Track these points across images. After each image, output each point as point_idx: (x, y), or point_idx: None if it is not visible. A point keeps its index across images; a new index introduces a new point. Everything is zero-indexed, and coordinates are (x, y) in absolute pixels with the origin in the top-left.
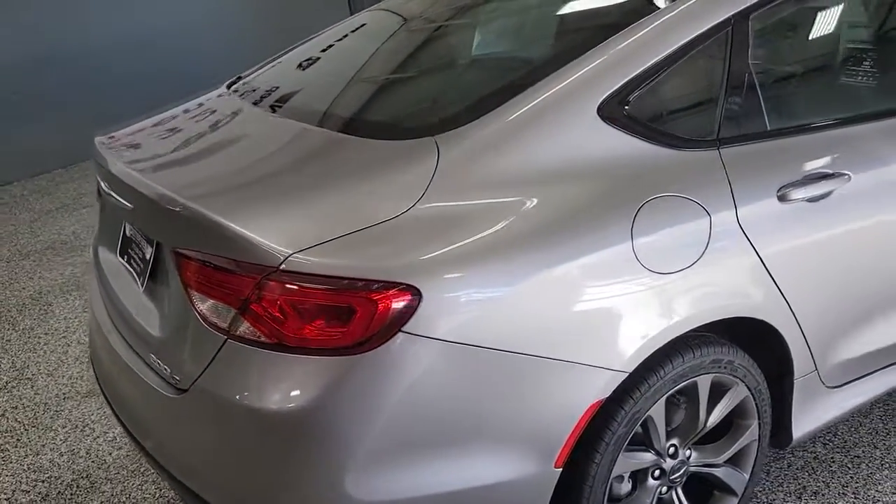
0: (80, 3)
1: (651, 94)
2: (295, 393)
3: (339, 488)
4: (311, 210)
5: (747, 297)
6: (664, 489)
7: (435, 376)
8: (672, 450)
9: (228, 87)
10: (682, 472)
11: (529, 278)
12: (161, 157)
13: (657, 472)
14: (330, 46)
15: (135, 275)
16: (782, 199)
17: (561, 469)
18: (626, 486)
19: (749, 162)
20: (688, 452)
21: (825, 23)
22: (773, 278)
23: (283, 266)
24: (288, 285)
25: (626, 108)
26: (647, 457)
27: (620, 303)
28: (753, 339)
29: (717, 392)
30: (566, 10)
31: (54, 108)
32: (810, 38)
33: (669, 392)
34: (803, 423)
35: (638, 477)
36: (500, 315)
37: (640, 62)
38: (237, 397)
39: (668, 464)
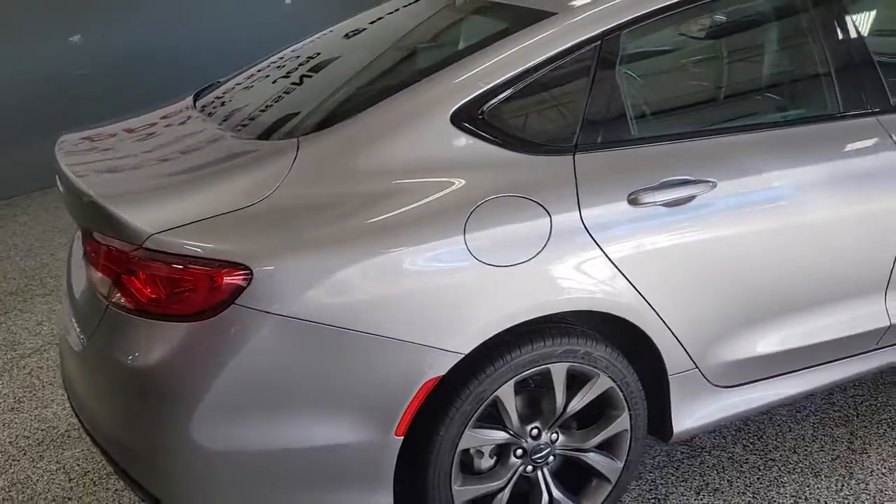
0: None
1: (508, 104)
2: (150, 353)
3: (187, 437)
4: (182, 199)
5: (593, 294)
6: (528, 468)
7: (271, 345)
8: (535, 432)
9: (196, 95)
10: (545, 453)
11: (365, 263)
12: (96, 157)
13: (519, 452)
14: (280, 59)
15: (79, 255)
16: (633, 202)
17: (402, 437)
18: (487, 462)
19: (602, 167)
20: (553, 436)
21: (695, 40)
22: (626, 277)
23: (145, 244)
24: (146, 260)
25: (482, 115)
26: (499, 435)
27: (452, 290)
28: (626, 334)
29: (579, 381)
30: (444, 28)
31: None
32: (680, 54)
33: (518, 376)
34: (687, 419)
35: (501, 454)
36: (337, 295)
37: (497, 75)
38: (110, 355)
39: (530, 444)
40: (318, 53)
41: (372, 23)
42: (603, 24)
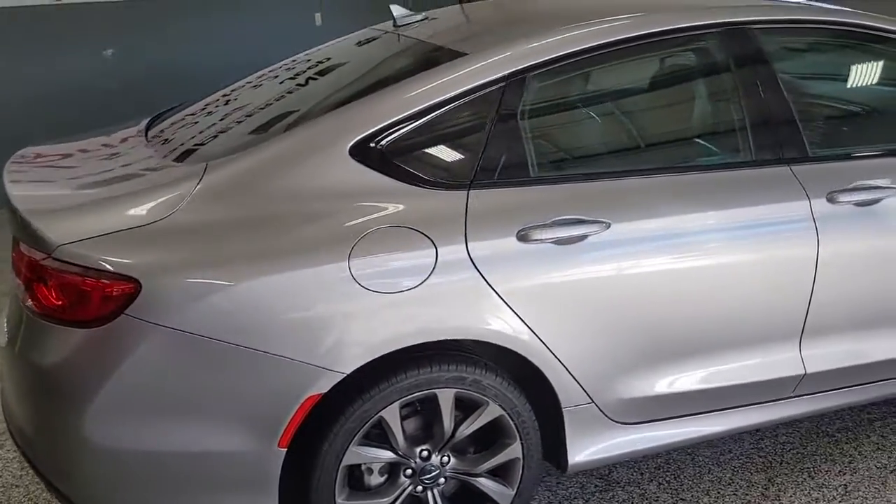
0: None
1: (408, 139)
2: (52, 355)
3: (80, 432)
4: (96, 215)
5: (476, 324)
6: (419, 488)
7: (159, 354)
8: (425, 453)
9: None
10: (435, 475)
11: (253, 282)
12: (39, 172)
13: (408, 471)
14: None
15: None
16: (523, 239)
17: (285, 449)
18: (377, 479)
19: (495, 204)
20: (444, 458)
21: (599, 87)
22: (513, 310)
23: (53, 253)
24: (53, 269)
25: (380, 149)
26: (384, 454)
27: (335, 313)
28: (522, 365)
29: (469, 407)
30: (372, 64)
31: None
32: (584, 99)
33: (403, 399)
34: (583, 452)
35: (392, 472)
36: (224, 311)
37: (398, 111)
38: (22, 356)
39: (419, 465)
40: (259, 86)
41: (309, 59)
42: (508, 67)
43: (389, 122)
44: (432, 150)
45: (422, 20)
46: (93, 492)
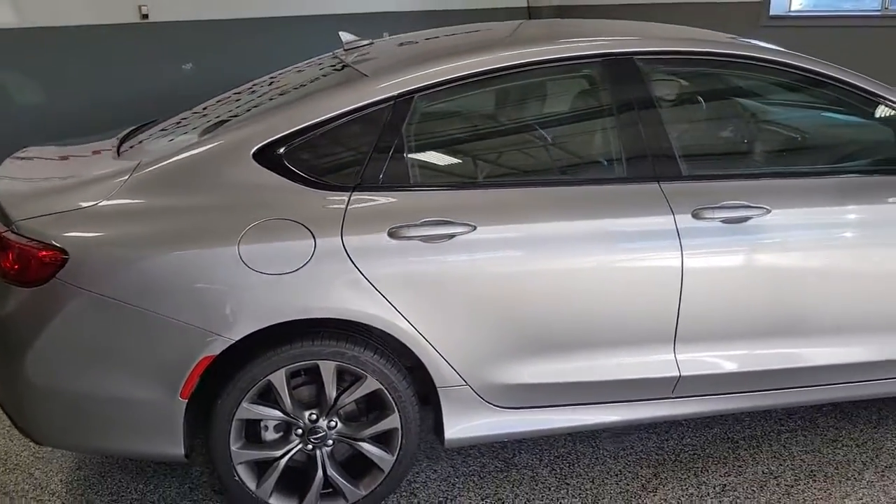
0: None
1: (305, 146)
2: (8, 309)
3: (26, 375)
4: (52, 199)
5: (348, 306)
6: (309, 447)
7: (83, 313)
8: (314, 416)
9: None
10: (322, 436)
11: (163, 259)
12: (28, 167)
13: (299, 431)
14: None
15: None
16: (393, 235)
17: (187, 400)
18: (272, 434)
19: (373, 204)
20: (332, 423)
21: (479, 109)
22: (383, 295)
23: (12, 227)
24: (11, 240)
25: (280, 154)
26: (273, 413)
27: (226, 288)
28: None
29: (351, 379)
30: (299, 83)
31: None
32: (465, 118)
33: (288, 366)
34: (459, 429)
35: (286, 430)
36: (135, 281)
37: (298, 122)
38: None
39: (307, 426)
40: (222, 101)
41: (272, 79)
42: (399, 88)
43: (288, 132)
44: (324, 157)
45: (368, 44)
46: (42, 428)
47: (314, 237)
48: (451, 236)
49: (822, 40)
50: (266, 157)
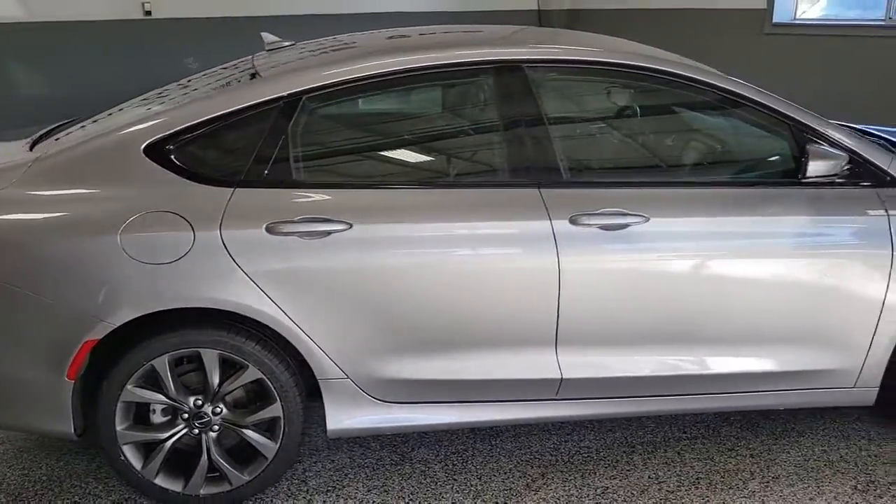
0: None
1: (193, 142)
2: None
3: None
4: None
5: (225, 296)
6: (195, 431)
7: None
8: (199, 402)
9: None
10: (206, 421)
11: (49, 246)
12: None
13: (185, 415)
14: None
15: None
16: (271, 231)
17: (73, 381)
18: (159, 417)
19: (254, 200)
20: (217, 409)
21: (365, 110)
22: (260, 288)
23: None
24: None
25: (169, 150)
26: (157, 397)
27: (109, 276)
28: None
29: (234, 367)
30: (204, 85)
31: None
32: (350, 120)
33: (170, 353)
34: (342, 420)
35: (173, 414)
36: (25, 265)
37: (187, 120)
38: None
39: (192, 411)
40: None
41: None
42: (287, 89)
43: (178, 128)
44: (211, 154)
45: (289, 46)
46: None
47: (193, 230)
48: (328, 233)
49: (825, 49)
50: (156, 152)
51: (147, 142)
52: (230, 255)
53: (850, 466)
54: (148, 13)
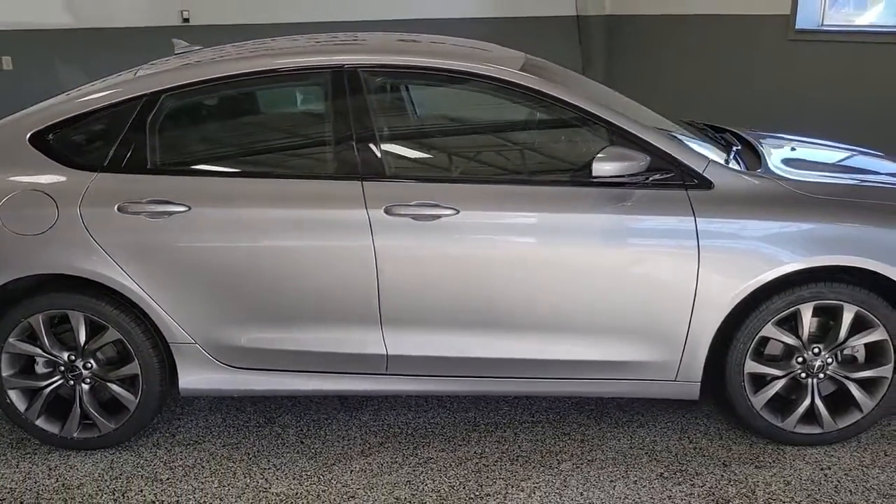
0: None
1: (68, 132)
2: None
3: None
4: None
5: (81, 265)
6: (71, 382)
7: None
8: (72, 357)
9: None
10: (77, 374)
11: None
12: None
13: (61, 367)
14: None
15: None
16: (122, 210)
17: None
18: (42, 369)
19: (111, 183)
20: (89, 364)
21: (216, 108)
22: (112, 258)
23: None
24: None
25: (49, 138)
26: (33, 349)
27: None
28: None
29: (99, 328)
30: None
31: None
32: (206, 115)
33: (43, 312)
34: (191, 381)
35: (53, 366)
36: None
37: (65, 112)
38: None
39: (67, 364)
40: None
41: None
42: (149, 87)
43: (57, 120)
44: (82, 143)
45: (197, 51)
46: None
47: (57, 207)
48: (169, 214)
49: (849, 56)
50: (38, 140)
51: (32, 131)
52: (87, 230)
53: (669, 456)
54: (186, 20)
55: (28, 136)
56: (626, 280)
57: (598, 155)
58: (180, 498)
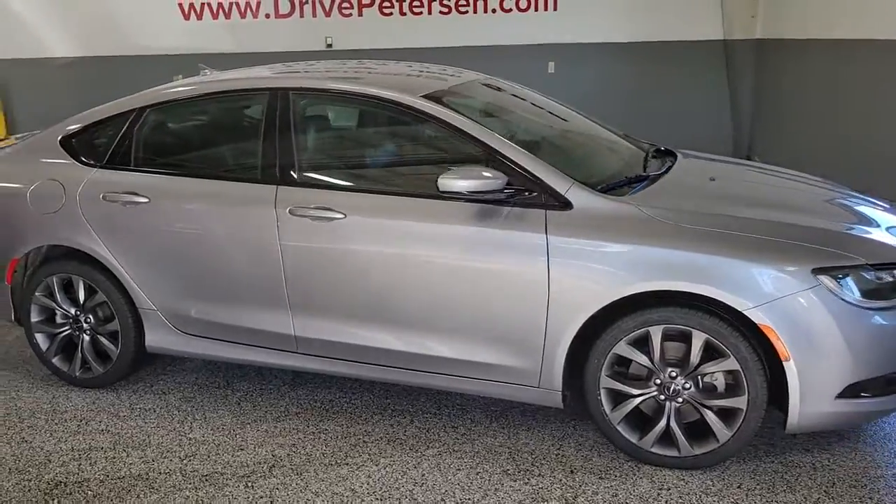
0: None
1: (83, 137)
2: None
3: None
4: None
5: (77, 238)
6: (76, 332)
7: None
8: (77, 312)
9: None
10: (80, 326)
11: None
12: None
13: (69, 318)
14: None
15: None
16: (105, 198)
17: (10, 285)
18: (60, 318)
19: (105, 176)
20: (88, 319)
21: (188, 119)
22: (97, 235)
23: None
24: None
25: (72, 141)
26: (50, 303)
27: (21, 221)
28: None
29: (95, 291)
30: None
31: None
32: (176, 126)
33: (56, 274)
34: (154, 342)
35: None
36: None
37: (84, 121)
38: None
39: (72, 315)
40: None
41: None
42: (140, 103)
43: (80, 126)
44: (92, 145)
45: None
46: None
47: (65, 193)
48: (136, 204)
49: None
50: (65, 142)
51: (62, 135)
52: (80, 209)
53: (527, 458)
54: (329, 45)
55: (60, 138)
56: (483, 288)
57: (446, 172)
58: (122, 431)
